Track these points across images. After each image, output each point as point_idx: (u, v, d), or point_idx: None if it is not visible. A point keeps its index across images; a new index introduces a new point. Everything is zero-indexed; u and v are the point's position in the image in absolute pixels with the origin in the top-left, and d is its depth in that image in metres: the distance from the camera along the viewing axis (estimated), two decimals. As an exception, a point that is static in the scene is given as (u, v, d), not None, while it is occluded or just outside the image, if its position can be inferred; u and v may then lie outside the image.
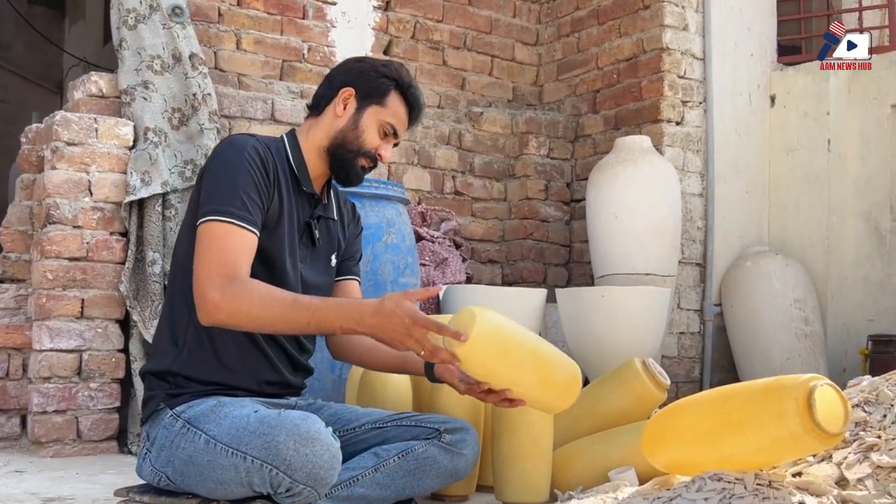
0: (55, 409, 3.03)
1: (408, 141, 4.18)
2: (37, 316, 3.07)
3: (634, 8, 4.34)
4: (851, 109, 4.36)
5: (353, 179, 1.96)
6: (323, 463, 1.60)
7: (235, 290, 1.68)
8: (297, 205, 1.92)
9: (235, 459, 1.65)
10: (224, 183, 1.77)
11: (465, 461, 1.93)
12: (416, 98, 2.00)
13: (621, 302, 3.54)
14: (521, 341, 1.74)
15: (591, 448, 2.25)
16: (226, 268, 1.70)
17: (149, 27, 3.37)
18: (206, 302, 1.70)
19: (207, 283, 1.69)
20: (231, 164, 1.80)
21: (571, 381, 1.81)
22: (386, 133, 1.97)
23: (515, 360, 1.72)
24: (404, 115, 1.99)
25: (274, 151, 1.89)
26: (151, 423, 1.83)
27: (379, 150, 1.96)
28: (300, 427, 1.60)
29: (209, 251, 1.71)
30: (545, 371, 1.76)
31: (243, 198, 1.76)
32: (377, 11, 4.25)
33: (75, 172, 3.12)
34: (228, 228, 1.74)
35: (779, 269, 4.16)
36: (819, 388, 1.52)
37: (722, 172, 4.32)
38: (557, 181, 4.56)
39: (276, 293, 1.71)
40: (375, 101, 1.95)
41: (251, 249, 1.76)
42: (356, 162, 1.94)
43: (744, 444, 1.60)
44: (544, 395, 1.79)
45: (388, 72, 1.98)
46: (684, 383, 4.21)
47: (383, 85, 1.96)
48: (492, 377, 1.74)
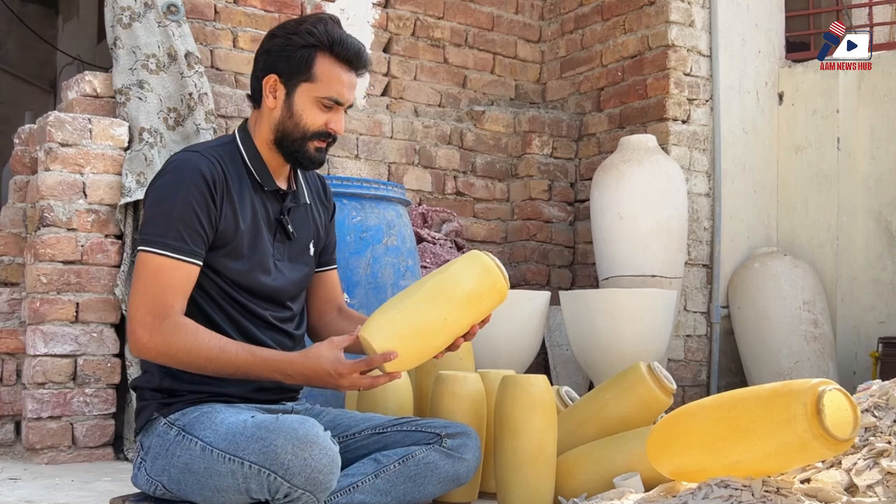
0: (50, 416, 3.03)
1: (408, 140, 4.19)
2: (31, 320, 3.08)
3: (639, 4, 4.34)
4: (861, 107, 4.36)
5: (312, 164, 1.90)
6: (322, 467, 1.60)
7: (164, 331, 1.71)
8: (264, 204, 1.90)
9: (233, 465, 1.65)
10: (161, 210, 1.78)
11: (466, 466, 1.93)
12: (346, 50, 1.84)
13: (626, 304, 3.55)
14: (419, 315, 1.77)
15: (595, 454, 2.25)
16: (156, 307, 1.72)
17: (144, 25, 3.38)
18: (135, 339, 1.74)
19: (138, 319, 1.73)
20: (170, 189, 1.78)
21: (479, 279, 1.82)
22: (327, 105, 1.85)
23: (433, 330, 1.78)
24: (341, 76, 1.85)
25: (227, 160, 1.86)
26: (145, 433, 1.84)
27: (328, 125, 1.86)
28: (298, 431, 1.61)
29: (143, 287, 1.74)
30: (459, 307, 1.80)
31: (179, 227, 1.75)
32: (376, 8, 4.25)
33: (69, 174, 3.13)
34: (163, 262, 1.74)
35: (787, 270, 4.17)
36: (828, 392, 1.53)
37: (729, 172, 4.32)
38: (561, 181, 4.57)
39: (203, 342, 1.72)
40: (303, 79, 1.83)
41: (186, 282, 1.77)
42: (306, 148, 1.87)
43: (751, 451, 1.61)
44: (477, 316, 1.84)
45: (305, 40, 1.83)
46: (691, 387, 4.22)
47: (304, 56, 1.83)
48: (429, 356, 1.82)
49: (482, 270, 1.83)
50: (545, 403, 2.13)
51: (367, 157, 4.06)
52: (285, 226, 1.92)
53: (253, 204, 1.88)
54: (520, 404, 2.11)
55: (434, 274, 1.85)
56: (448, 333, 1.81)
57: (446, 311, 1.78)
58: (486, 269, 1.83)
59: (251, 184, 1.89)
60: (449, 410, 2.18)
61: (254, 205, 1.88)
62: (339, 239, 2.97)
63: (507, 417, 2.13)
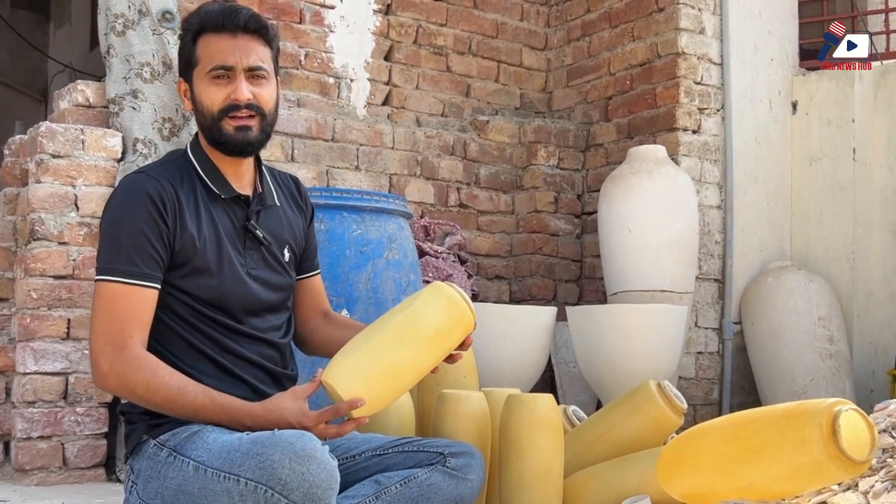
0: (40, 435, 3.04)
1: (410, 151, 4.21)
2: (21, 337, 3.09)
3: (648, 10, 4.36)
4: (878, 116, 4.37)
5: (241, 145, 1.86)
6: (320, 482, 1.60)
7: (123, 363, 1.73)
8: (227, 214, 1.90)
9: (228, 483, 1.65)
10: (110, 235, 1.80)
11: (470, 487, 1.92)
12: (214, 18, 1.84)
13: (636, 320, 3.55)
14: (385, 356, 1.78)
15: (604, 476, 2.25)
16: (114, 336, 1.74)
17: (138, 33, 3.40)
18: (97, 368, 1.76)
19: (98, 349, 1.75)
20: (117, 214, 1.81)
21: (446, 314, 1.82)
22: (217, 77, 1.83)
23: (401, 371, 1.78)
24: (219, 43, 1.84)
25: (177, 176, 1.87)
26: (135, 457, 1.84)
27: (231, 97, 1.83)
28: (295, 445, 1.61)
29: (100, 316, 1.76)
30: (426, 345, 1.80)
31: (129, 252, 1.77)
32: (377, 15, 4.28)
33: (61, 186, 3.14)
34: (116, 289, 1.76)
35: (802, 284, 4.17)
36: (844, 413, 1.53)
37: (741, 183, 4.33)
38: (567, 193, 4.58)
39: (162, 380, 1.73)
40: (193, 67, 1.86)
41: (143, 308, 1.78)
42: (223, 129, 1.85)
43: (764, 472, 1.61)
44: (445, 351, 1.84)
45: (185, 29, 1.88)
46: (703, 405, 4.21)
47: (186, 47, 1.86)
48: (397, 396, 1.85)
49: (448, 304, 1.82)
50: (552, 423, 2.13)
51: (367, 168, 4.07)
52: (254, 231, 1.91)
53: (212, 216, 1.87)
54: (525, 424, 2.11)
55: (397, 310, 1.85)
56: (416, 372, 1.81)
57: (413, 351, 1.78)
58: (452, 303, 1.82)
59: (207, 195, 1.89)
60: (452, 430, 2.18)
61: (213, 217, 1.88)
62: (339, 253, 2.99)
63: (512, 438, 2.14)
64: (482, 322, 3.55)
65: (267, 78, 1.88)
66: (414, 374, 1.81)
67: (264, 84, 1.87)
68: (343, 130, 4.02)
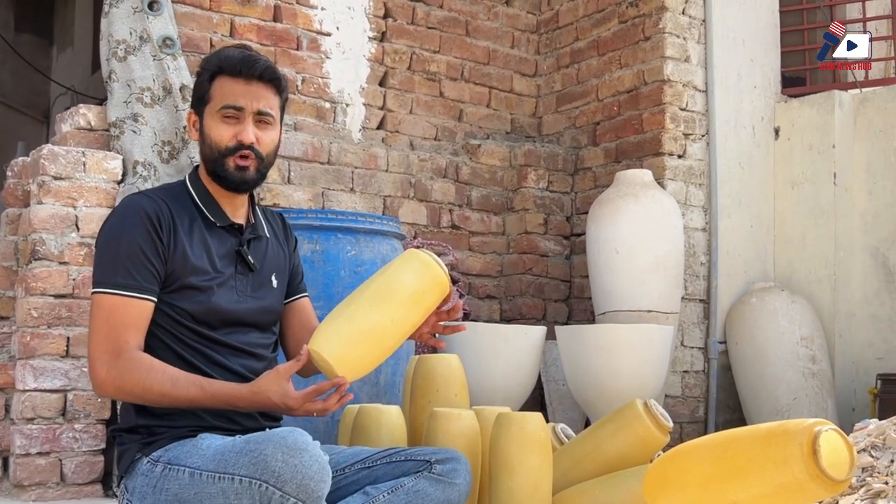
0: (38, 451, 3.03)
1: (404, 174, 4.22)
2: (21, 354, 3.08)
3: (635, 39, 4.40)
4: (858, 142, 4.41)
5: (237, 182, 1.92)
6: (313, 474, 1.62)
7: (120, 367, 1.77)
8: (221, 240, 1.94)
9: (223, 484, 1.66)
10: (108, 250, 1.85)
11: (457, 491, 1.92)
12: (233, 62, 1.90)
13: (623, 340, 3.56)
14: (366, 320, 1.81)
15: (591, 493, 2.25)
16: (111, 344, 1.79)
17: (139, 59, 3.42)
18: (94, 375, 1.80)
19: (96, 357, 1.79)
20: (115, 231, 1.86)
21: (419, 276, 1.86)
22: (227, 117, 1.90)
23: (381, 332, 1.81)
24: (233, 87, 1.90)
25: (175, 200, 1.92)
26: (129, 476, 1.85)
27: (238, 137, 1.89)
28: (287, 439, 1.63)
29: (97, 326, 1.81)
30: (403, 306, 1.84)
31: (127, 265, 1.81)
32: (372, 42, 4.30)
33: (62, 207, 3.15)
34: (115, 301, 1.81)
35: (785, 305, 4.19)
36: (824, 433, 1.54)
37: (726, 206, 4.36)
38: (557, 215, 4.60)
39: (156, 377, 1.77)
40: (205, 103, 1.92)
41: (139, 318, 1.82)
42: (226, 166, 1.91)
43: (748, 491, 1.61)
44: (423, 311, 1.88)
45: (203, 70, 1.94)
46: (689, 423, 4.22)
47: (203, 84, 1.93)
48: (381, 359, 1.86)
49: (421, 267, 1.88)
50: (541, 442, 2.13)
51: (362, 190, 4.08)
52: (245, 257, 1.95)
53: (205, 238, 1.92)
54: (515, 442, 2.11)
55: (374, 277, 1.91)
56: (396, 334, 1.85)
57: (392, 312, 1.82)
58: (426, 265, 1.88)
59: (203, 222, 1.93)
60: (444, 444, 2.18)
61: (206, 241, 1.92)
62: (334, 273, 2.99)
63: (502, 456, 2.14)
64: (473, 341, 3.57)
65: (272, 124, 1.94)
66: (394, 336, 1.85)
67: (269, 129, 1.94)
68: (339, 153, 4.03)
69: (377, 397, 2.99)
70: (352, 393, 1.81)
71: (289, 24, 4.04)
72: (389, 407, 2.30)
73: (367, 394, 2.98)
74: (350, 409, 2.48)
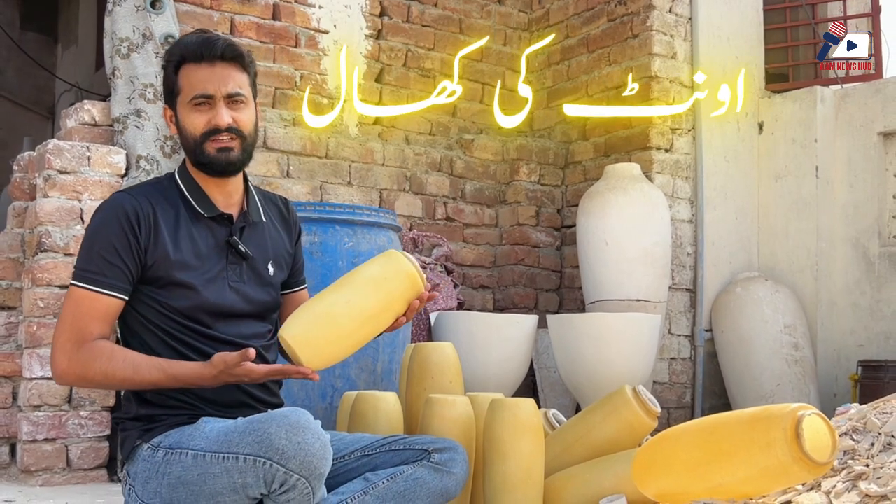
0: (45, 438, 3.02)
1: (399, 167, 4.21)
2: (27, 344, 3.07)
3: (624, 37, 4.39)
4: (839, 137, 4.41)
5: (223, 164, 1.89)
6: (315, 451, 1.62)
7: (80, 358, 1.77)
8: (210, 231, 1.91)
9: (227, 463, 1.66)
10: (86, 245, 1.85)
11: (455, 480, 1.92)
12: (193, 48, 1.87)
13: (612, 328, 3.56)
14: (322, 302, 1.82)
15: (582, 476, 2.26)
16: (74, 334, 1.78)
17: (142, 56, 3.40)
18: (55, 365, 1.79)
19: (59, 346, 1.79)
20: (94, 227, 1.85)
21: (381, 265, 1.87)
22: (199, 104, 1.86)
23: (336, 312, 1.81)
24: (198, 73, 1.86)
25: (159, 195, 1.90)
26: (131, 462, 1.84)
27: (212, 122, 1.86)
28: (290, 417, 1.64)
29: (64, 317, 1.81)
30: (360, 288, 1.84)
31: (99, 262, 1.81)
32: (369, 40, 4.29)
33: (67, 200, 3.13)
34: (83, 294, 1.80)
35: (769, 294, 4.19)
36: (807, 417, 1.54)
37: (711, 199, 4.36)
38: (548, 207, 4.59)
39: (118, 364, 1.76)
40: (176, 95, 1.89)
41: (105, 313, 1.81)
42: (206, 152, 1.88)
43: (733, 474, 1.62)
44: (385, 297, 1.86)
45: (167, 64, 1.91)
46: (676, 409, 4.23)
47: (169, 77, 1.89)
48: (345, 342, 1.84)
49: (385, 258, 1.90)
50: (533, 427, 2.13)
51: (359, 183, 4.08)
52: (236, 246, 1.92)
53: (191, 233, 1.89)
54: (508, 428, 2.11)
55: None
56: (355, 317, 1.82)
57: (348, 293, 1.83)
58: (390, 256, 1.89)
59: (190, 215, 1.90)
60: (439, 434, 2.17)
61: (193, 234, 1.89)
62: (332, 264, 2.99)
63: (495, 441, 2.14)
64: (468, 330, 3.57)
65: (245, 102, 1.90)
66: (350, 316, 1.82)
67: (243, 108, 1.90)
68: (336, 148, 4.02)
69: (374, 384, 2.99)
70: (317, 376, 1.79)
71: (287, 22, 4.03)
72: (386, 393, 2.30)
73: (365, 381, 2.98)
74: (348, 396, 2.48)
